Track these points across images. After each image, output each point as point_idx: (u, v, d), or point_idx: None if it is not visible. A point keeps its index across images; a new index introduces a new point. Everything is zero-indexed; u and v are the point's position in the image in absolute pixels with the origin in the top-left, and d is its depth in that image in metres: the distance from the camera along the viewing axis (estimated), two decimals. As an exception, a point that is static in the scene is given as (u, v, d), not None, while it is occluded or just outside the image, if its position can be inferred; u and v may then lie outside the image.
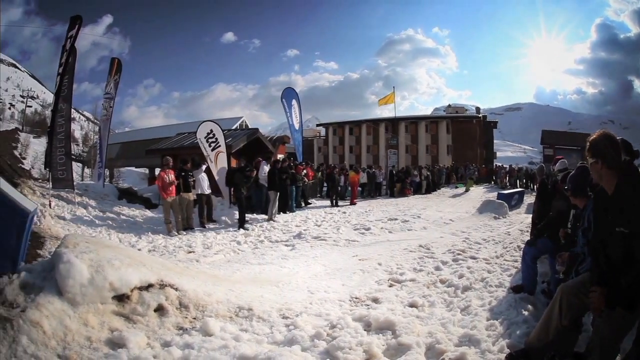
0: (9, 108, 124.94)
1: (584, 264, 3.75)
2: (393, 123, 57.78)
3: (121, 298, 4.52)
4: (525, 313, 4.52)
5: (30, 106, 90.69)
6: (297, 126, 23.78)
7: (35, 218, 5.65)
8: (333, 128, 68.93)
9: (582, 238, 3.96)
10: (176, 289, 4.96)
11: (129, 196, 18.09)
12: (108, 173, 26.67)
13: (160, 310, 4.67)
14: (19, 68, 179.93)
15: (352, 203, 20.26)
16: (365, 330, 4.29)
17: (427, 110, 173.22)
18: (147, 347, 4.03)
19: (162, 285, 4.90)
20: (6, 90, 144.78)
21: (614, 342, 3.19)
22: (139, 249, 9.31)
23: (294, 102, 23.60)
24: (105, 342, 3.98)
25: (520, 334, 4.00)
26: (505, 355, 3.73)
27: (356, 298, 5.59)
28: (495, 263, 7.16)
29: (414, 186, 25.72)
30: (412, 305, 5.17)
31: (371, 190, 25.09)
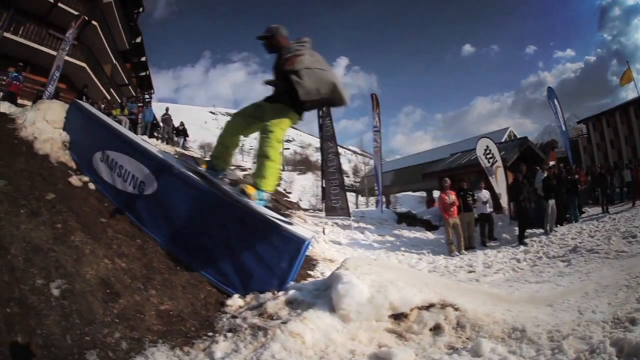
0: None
1: None
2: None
3: (398, 317, 4.67)
4: None
5: (288, 148, 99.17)
6: (563, 127, 22.36)
7: (310, 245, 6.16)
8: (592, 123, 61.14)
9: None
10: (456, 309, 4.95)
11: (409, 219, 18.79)
12: (385, 200, 27.80)
13: (436, 329, 4.69)
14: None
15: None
16: (617, 356, 3.91)
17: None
18: (412, 363, 4.01)
19: (443, 305, 4.93)
20: (255, 138, 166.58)
21: None
22: (419, 270, 9.57)
23: (555, 102, 22.17)
24: (370, 356, 4.10)
25: None
26: None
27: (617, 319, 5.07)
28: None
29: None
30: (667, 329, 4.62)
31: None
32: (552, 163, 21.75)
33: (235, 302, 5.12)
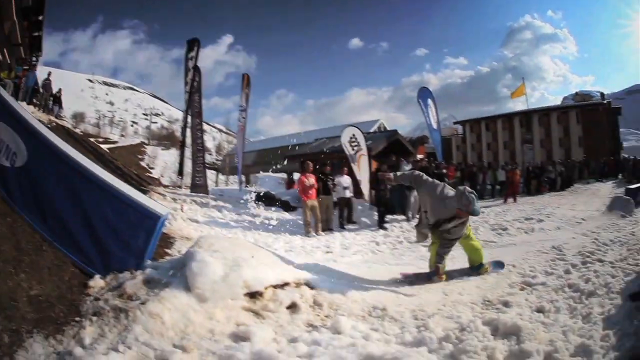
0: (131, 125, 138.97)
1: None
2: (527, 116, 55.91)
3: (254, 295, 4.70)
4: (637, 323, 3.89)
5: (156, 122, 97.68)
6: (434, 125, 22.75)
7: (166, 221, 6.03)
8: (470, 125, 66.37)
9: None
10: (312, 288, 5.14)
11: (267, 200, 18.69)
12: (245, 179, 27.74)
13: (292, 307, 4.79)
14: (137, 90, 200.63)
15: (515, 201, 19.50)
16: (492, 334, 4.02)
17: (556, 100, 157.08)
18: (273, 342, 4.08)
19: (298, 284, 5.09)
20: (126, 110, 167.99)
21: None
22: (275, 249, 9.56)
23: (429, 101, 22.44)
24: (229, 335, 4.12)
25: (629, 347, 3.56)
26: None
27: (488, 301, 5.31)
28: (619, 267, 6.44)
29: (549, 183, 24.10)
30: (539, 311, 4.80)
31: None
32: (420, 156, 22.61)
33: (97, 283, 4.88)
